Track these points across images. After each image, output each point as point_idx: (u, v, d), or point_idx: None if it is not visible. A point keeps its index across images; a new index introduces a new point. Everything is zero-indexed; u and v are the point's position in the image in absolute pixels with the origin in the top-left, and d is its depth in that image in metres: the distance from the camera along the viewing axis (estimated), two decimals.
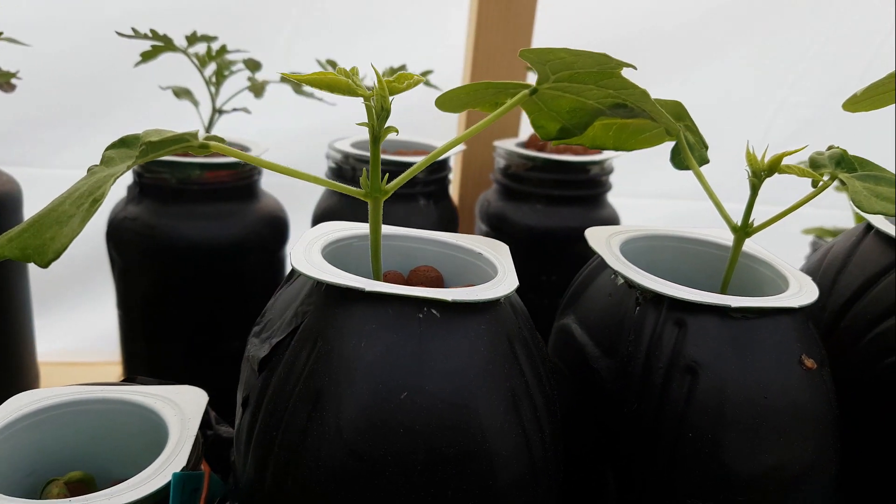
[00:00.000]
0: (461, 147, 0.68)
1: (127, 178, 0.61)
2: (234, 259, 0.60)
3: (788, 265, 0.40)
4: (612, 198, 0.69)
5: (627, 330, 0.36)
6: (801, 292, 0.36)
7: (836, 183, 0.36)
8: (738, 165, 0.61)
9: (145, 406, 0.38)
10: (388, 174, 0.34)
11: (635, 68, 0.31)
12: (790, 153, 0.36)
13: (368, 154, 0.62)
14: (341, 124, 0.76)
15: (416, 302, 0.30)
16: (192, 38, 0.57)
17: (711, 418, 0.33)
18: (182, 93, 0.62)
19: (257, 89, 0.65)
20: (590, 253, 0.43)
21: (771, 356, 0.34)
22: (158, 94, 0.63)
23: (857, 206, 0.34)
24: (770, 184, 0.40)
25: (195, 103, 0.62)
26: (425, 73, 0.70)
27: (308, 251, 0.34)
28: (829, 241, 0.47)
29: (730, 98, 0.91)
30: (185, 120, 0.69)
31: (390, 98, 0.33)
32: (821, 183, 0.36)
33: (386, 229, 0.40)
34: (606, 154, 0.66)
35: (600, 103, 0.37)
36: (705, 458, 0.33)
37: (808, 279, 0.38)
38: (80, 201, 0.29)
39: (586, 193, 0.65)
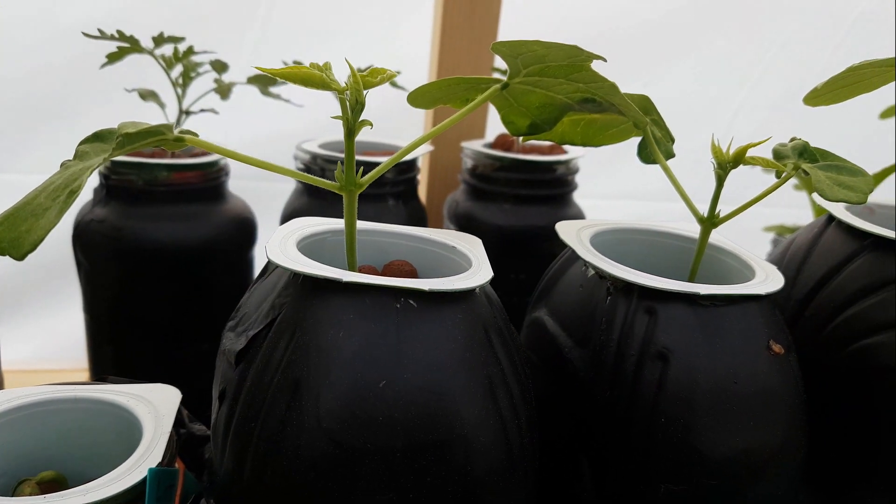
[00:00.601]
0: (429, 148, 0.68)
1: (93, 181, 0.60)
2: (202, 261, 0.60)
3: (754, 255, 0.41)
4: (578, 199, 0.70)
5: (599, 320, 0.37)
6: (768, 280, 0.37)
7: (794, 181, 0.38)
8: (699, 165, 0.62)
9: (118, 404, 0.38)
10: (362, 167, 0.35)
11: (605, 60, 0.32)
12: (754, 145, 0.38)
13: (337, 155, 0.62)
14: (308, 127, 0.76)
15: (394, 292, 0.31)
16: (159, 40, 0.57)
17: (683, 404, 0.34)
18: (148, 95, 0.62)
19: (223, 91, 0.64)
20: (558, 250, 0.44)
21: (739, 342, 0.35)
22: (123, 97, 0.62)
23: (819, 195, 0.35)
24: (732, 183, 0.41)
25: (161, 105, 0.61)
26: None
27: (283, 245, 0.34)
28: (791, 235, 0.48)
29: (690, 98, 0.93)
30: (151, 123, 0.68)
31: (364, 92, 0.33)
32: (784, 173, 0.37)
33: (360, 224, 0.40)
34: (572, 153, 0.67)
35: (569, 98, 0.38)
36: (678, 443, 0.33)
37: (774, 268, 0.40)
38: (56, 194, 0.28)
39: (553, 193, 0.66)
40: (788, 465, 0.35)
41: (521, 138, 0.42)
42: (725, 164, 0.38)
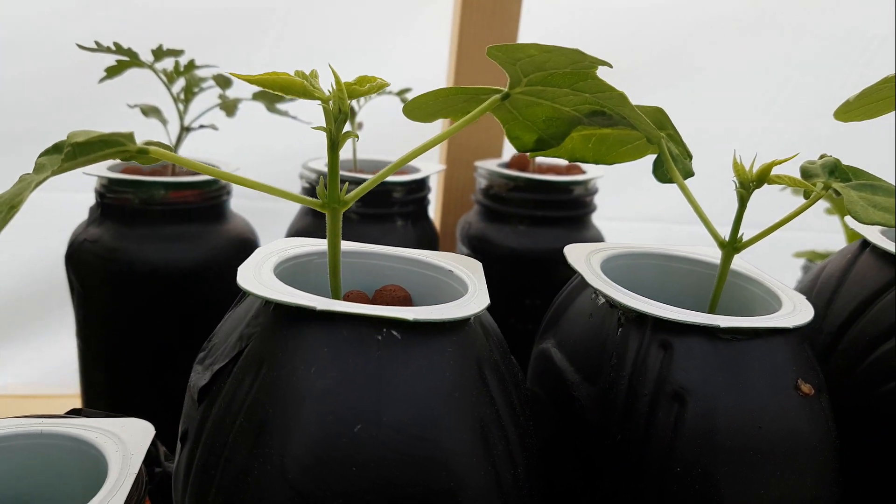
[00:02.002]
0: (440, 167, 0.65)
1: (89, 199, 0.58)
2: (200, 283, 0.57)
3: (780, 283, 0.37)
4: (597, 220, 0.66)
5: (609, 353, 0.33)
6: (796, 312, 0.34)
7: (825, 204, 0.34)
8: (716, 188, 0.59)
9: (85, 440, 0.35)
10: (346, 183, 0.32)
11: (611, 66, 0.28)
12: (780, 162, 0.34)
13: (344, 174, 0.60)
14: (319, 145, 0.74)
15: (375, 322, 0.27)
16: (159, 53, 0.55)
17: (701, 450, 0.30)
18: (150, 111, 0.60)
19: (229, 107, 0.62)
20: (572, 274, 0.40)
21: (764, 381, 0.31)
22: (123, 115, 0.60)
23: (853, 217, 0.31)
24: (757, 204, 0.38)
25: (164, 122, 0.59)
26: (403, 91, 0.68)
27: (258, 268, 0.31)
28: (822, 261, 0.45)
29: (711, 118, 0.89)
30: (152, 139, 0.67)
31: (351, 101, 0.30)
32: (813, 193, 0.34)
33: (350, 245, 0.37)
34: (591, 173, 0.64)
35: (577, 110, 0.35)
36: (695, 494, 0.30)
37: (802, 298, 0.36)
38: (1, 210, 0.26)
39: (570, 214, 0.63)
40: None
41: (531, 155, 0.38)
42: (748, 184, 0.35)
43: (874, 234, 0.40)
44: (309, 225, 0.62)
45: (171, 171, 0.60)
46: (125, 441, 0.35)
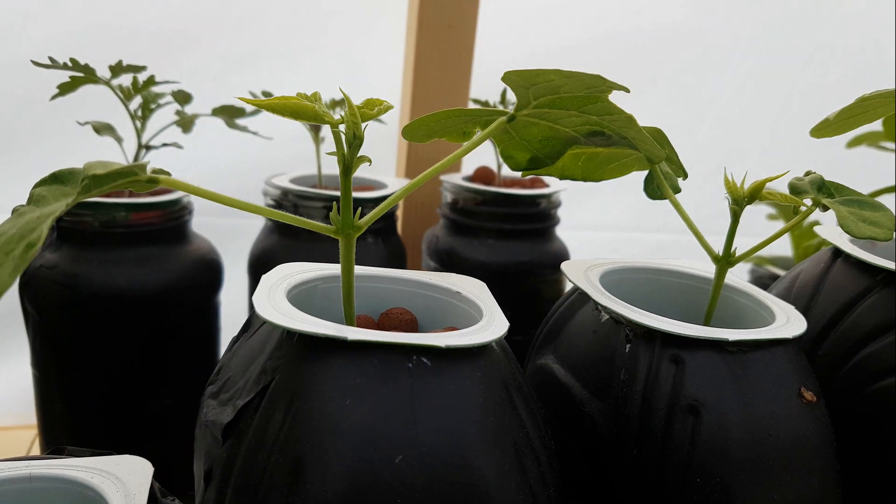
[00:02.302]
0: (408, 182, 0.65)
1: None
2: (165, 308, 0.55)
3: (767, 294, 0.39)
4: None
5: (619, 369, 0.34)
6: (790, 322, 0.35)
7: (769, 211, 0.36)
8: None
9: (80, 482, 0.33)
10: (360, 209, 0.31)
11: (628, 91, 0.29)
12: (770, 179, 0.35)
13: (310, 190, 0.59)
14: (276, 160, 0.73)
15: (406, 350, 0.27)
16: (117, 69, 0.52)
17: (718, 460, 0.31)
18: (103, 129, 0.57)
19: (185, 124, 0.60)
20: (543, 286, 0.41)
21: (771, 391, 0.32)
22: (76, 132, 0.57)
23: (845, 231, 0.33)
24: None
25: (118, 140, 0.57)
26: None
27: (271, 296, 0.30)
28: (794, 268, 0.47)
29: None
30: (106, 157, 0.64)
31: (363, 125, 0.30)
32: (803, 208, 0.35)
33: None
34: (554, 187, 0.65)
35: (577, 131, 0.35)
36: (714, 503, 0.31)
37: (792, 308, 0.37)
38: (10, 246, 0.24)
39: (537, 227, 0.63)
40: None
41: (524, 174, 0.39)
42: (741, 200, 0.36)
43: (846, 244, 0.42)
44: (275, 243, 0.61)
45: (129, 193, 0.58)
46: (124, 481, 0.33)
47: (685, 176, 0.38)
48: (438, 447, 0.26)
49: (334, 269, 0.36)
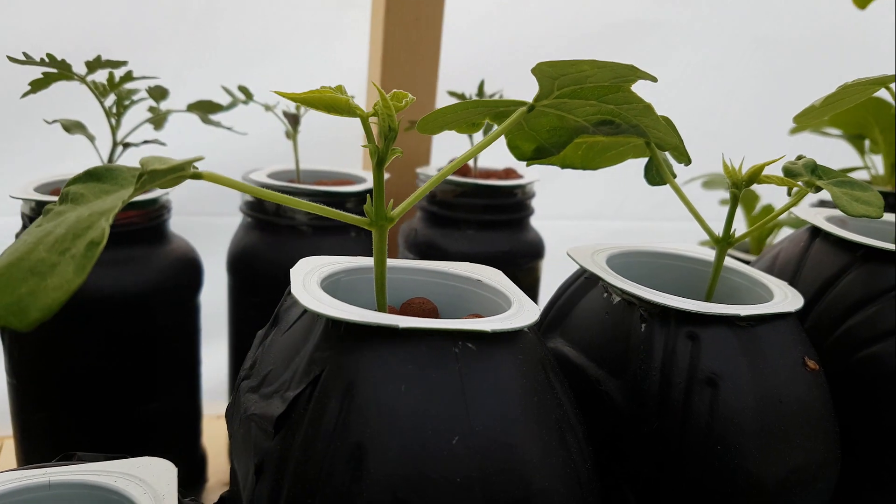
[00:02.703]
0: (387, 176, 0.65)
1: (15, 226, 0.53)
2: (145, 310, 0.54)
3: (760, 272, 0.41)
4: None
5: (635, 348, 0.35)
6: (789, 297, 0.37)
7: (723, 195, 0.38)
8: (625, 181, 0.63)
9: (104, 487, 0.33)
10: (392, 200, 0.32)
11: (656, 80, 0.30)
12: (769, 163, 0.38)
13: (290, 185, 0.58)
14: (246, 155, 0.72)
15: (452, 336, 0.28)
16: (94, 64, 0.51)
17: (736, 429, 0.33)
18: (73, 127, 0.55)
19: (158, 121, 0.59)
20: (521, 274, 0.41)
21: (779, 361, 0.34)
22: (44, 128, 0.56)
23: (841, 210, 0.35)
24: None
25: (90, 138, 0.55)
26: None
27: (310, 290, 0.30)
28: (772, 248, 0.49)
29: None
30: (78, 155, 0.62)
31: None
32: (798, 190, 0.37)
33: (369, 260, 0.37)
34: (528, 177, 0.67)
35: (587, 120, 0.36)
36: (734, 468, 0.32)
37: (785, 284, 0.40)
38: (63, 246, 0.24)
39: (514, 217, 0.65)
40: (830, 478, 0.35)
41: (528, 162, 0.40)
42: (740, 184, 0.38)
43: (823, 223, 0.45)
44: (256, 240, 0.60)
45: None
46: (150, 483, 0.33)
47: (688, 162, 0.40)
48: (490, 427, 0.27)
49: (355, 261, 0.36)
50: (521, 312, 0.31)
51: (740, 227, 0.93)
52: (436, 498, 0.25)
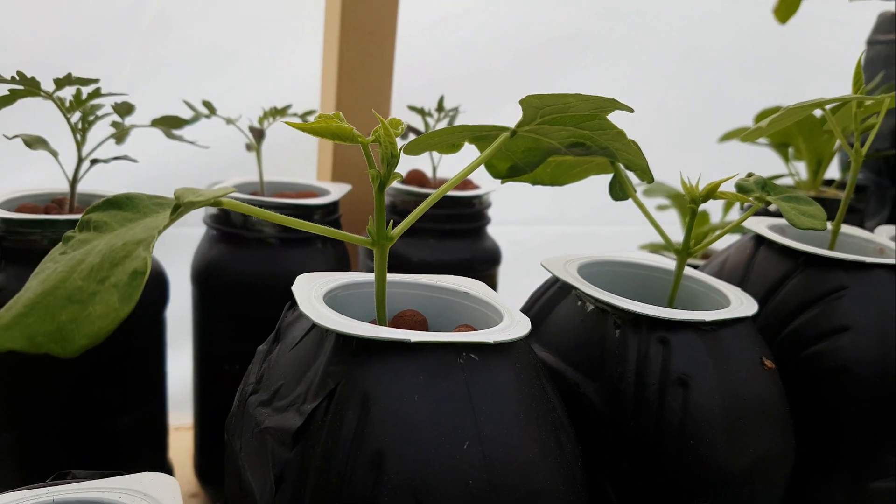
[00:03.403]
0: (347, 187, 0.66)
1: None
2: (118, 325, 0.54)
3: (715, 279, 0.45)
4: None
5: (611, 352, 0.38)
6: (744, 303, 0.41)
7: (662, 201, 0.42)
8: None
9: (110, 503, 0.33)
10: (391, 221, 0.34)
11: (632, 111, 0.33)
12: (724, 181, 0.41)
13: (254, 198, 0.59)
14: (209, 169, 0.72)
15: (457, 348, 0.30)
16: (63, 81, 0.51)
17: (707, 425, 0.36)
18: (35, 142, 0.55)
19: (121, 136, 0.59)
20: (485, 282, 0.43)
21: (740, 362, 0.38)
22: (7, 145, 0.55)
23: (790, 223, 0.39)
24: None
25: (53, 154, 0.55)
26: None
27: (317, 308, 0.32)
28: (719, 255, 0.53)
29: None
30: (39, 170, 0.62)
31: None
32: (751, 206, 0.41)
33: (359, 276, 0.39)
34: (485, 188, 0.69)
35: (561, 143, 0.39)
36: (706, 462, 0.36)
37: (739, 290, 0.43)
38: (101, 275, 0.25)
39: (472, 226, 0.67)
40: (787, 467, 0.39)
41: (503, 180, 0.42)
42: (698, 199, 0.41)
43: (766, 231, 0.49)
44: (221, 252, 0.60)
45: (70, 208, 0.56)
46: (155, 497, 0.34)
47: (651, 180, 0.43)
48: (496, 431, 0.29)
49: (349, 277, 0.38)
50: (515, 324, 0.33)
51: (676, 232, 0.98)
52: (452, 499, 0.28)
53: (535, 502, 0.29)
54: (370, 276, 0.39)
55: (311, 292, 0.34)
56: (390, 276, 0.39)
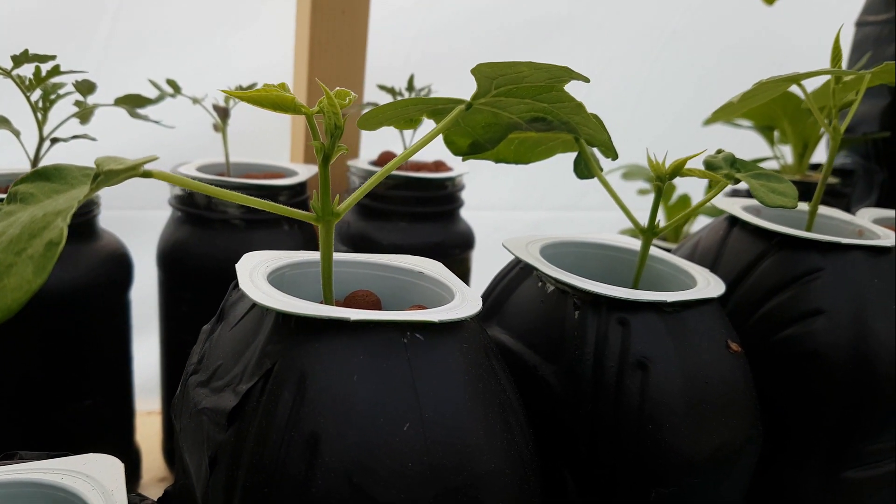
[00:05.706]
0: (314, 169, 0.65)
1: None
2: (75, 307, 0.53)
3: (683, 260, 0.44)
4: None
5: (570, 334, 0.37)
6: (711, 284, 0.40)
7: (641, 185, 0.40)
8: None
9: (52, 485, 0.32)
10: (338, 196, 0.32)
11: (588, 81, 0.32)
12: (691, 157, 0.40)
13: (220, 178, 0.58)
14: (183, 152, 0.71)
15: (401, 327, 0.29)
16: (21, 58, 0.49)
17: (667, 409, 0.35)
18: None
19: (84, 115, 0.57)
20: (454, 265, 0.43)
21: (704, 344, 0.37)
22: None
23: (759, 201, 0.38)
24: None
25: (15, 133, 0.53)
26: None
27: (258, 285, 0.31)
28: (692, 237, 0.52)
29: None
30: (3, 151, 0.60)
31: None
32: (719, 182, 0.40)
33: (312, 255, 0.37)
34: (458, 170, 0.68)
35: (521, 117, 0.38)
36: (666, 447, 0.35)
37: (707, 271, 0.42)
38: (19, 246, 0.24)
39: (445, 209, 0.66)
40: (752, 453, 0.38)
41: (464, 158, 0.41)
42: (664, 177, 0.40)
43: (740, 212, 0.48)
44: (187, 234, 0.59)
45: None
46: (97, 479, 0.33)
47: (615, 157, 0.42)
48: (439, 413, 0.28)
49: (299, 255, 0.36)
50: (465, 303, 0.32)
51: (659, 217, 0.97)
52: (389, 482, 0.26)
53: (478, 485, 0.28)
54: (317, 255, 0.37)
55: (256, 270, 0.33)
56: (345, 256, 0.38)
